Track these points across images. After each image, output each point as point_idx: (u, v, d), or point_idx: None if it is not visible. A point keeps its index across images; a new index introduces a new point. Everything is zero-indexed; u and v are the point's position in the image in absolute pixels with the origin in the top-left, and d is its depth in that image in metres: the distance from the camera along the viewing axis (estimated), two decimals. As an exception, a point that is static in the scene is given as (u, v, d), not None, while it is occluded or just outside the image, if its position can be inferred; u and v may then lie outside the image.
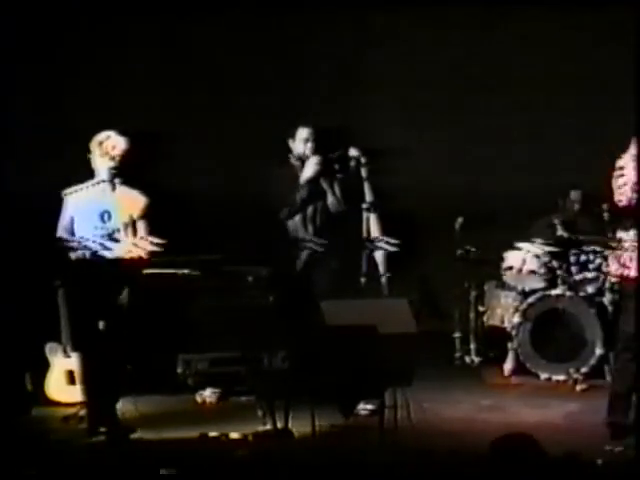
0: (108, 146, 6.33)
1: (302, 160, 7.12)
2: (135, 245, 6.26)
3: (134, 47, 8.08)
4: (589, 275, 7.47)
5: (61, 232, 6.32)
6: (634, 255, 5.88)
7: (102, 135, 6.36)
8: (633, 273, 5.88)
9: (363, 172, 6.90)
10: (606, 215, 7.39)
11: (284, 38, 8.09)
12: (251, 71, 8.11)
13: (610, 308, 7.39)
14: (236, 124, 7.97)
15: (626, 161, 5.94)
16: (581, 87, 8.27)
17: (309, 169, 7.04)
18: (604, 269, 7.43)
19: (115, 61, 8.06)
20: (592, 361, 7.31)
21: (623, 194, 5.90)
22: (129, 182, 6.43)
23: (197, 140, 7.96)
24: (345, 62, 8.20)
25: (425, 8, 8.08)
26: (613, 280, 6.33)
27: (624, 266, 5.93)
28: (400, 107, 8.12)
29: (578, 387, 7.20)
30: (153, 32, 8.07)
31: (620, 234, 6.02)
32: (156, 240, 6.25)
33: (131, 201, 6.34)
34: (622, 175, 5.94)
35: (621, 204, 5.92)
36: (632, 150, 5.94)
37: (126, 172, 6.40)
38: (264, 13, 8.08)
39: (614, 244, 6.17)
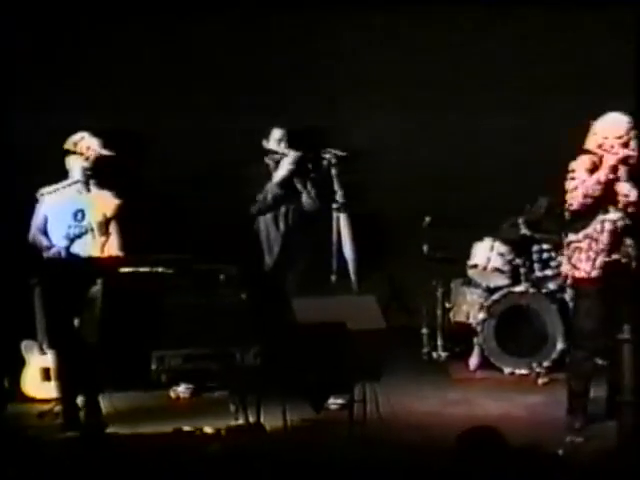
0: (83, 146, 6.35)
1: (276, 161, 7.15)
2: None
3: (106, 46, 7.95)
4: (551, 272, 7.50)
5: (34, 231, 6.34)
6: (584, 256, 5.96)
7: (77, 136, 6.41)
8: (582, 274, 5.96)
9: (334, 173, 6.94)
10: (567, 215, 7.50)
11: (260, 41, 8.02)
12: (225, 72, 8.02)
13: (571, 304, 7.35)
14: (209, 124, 7.90)
15: (577, 165, 6.01)
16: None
17: (283, 168, 7.12)
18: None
19: (86, 61, 7.93)
20: (554, 355, 7.35)
21: (574, 198, 5.97)
22: (103, 182, 6.41)
23: (170, 141, 7.87)
24: (319, 65, 8.08)
25: (402, 10, 8.00)
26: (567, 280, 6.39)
27: (574, 267, 6.01)
28: (372, 109, 8.05)
29: (540, 381, 7.26)
30: (126, 31, 7.96)
31: (570, 236, 6.08)
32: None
33: (105, 201, 6.39)
34: (573, 179, 6.01)
35: (572, 207, 6.00)
36: (584, 154, 5.99)
37: (100, 172, 6.40)
38: (243, 16, 8.02)
39: (565, 245, 6.22)
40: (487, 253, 7.68)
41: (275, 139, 7.17)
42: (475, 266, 7.72)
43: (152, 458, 5.42)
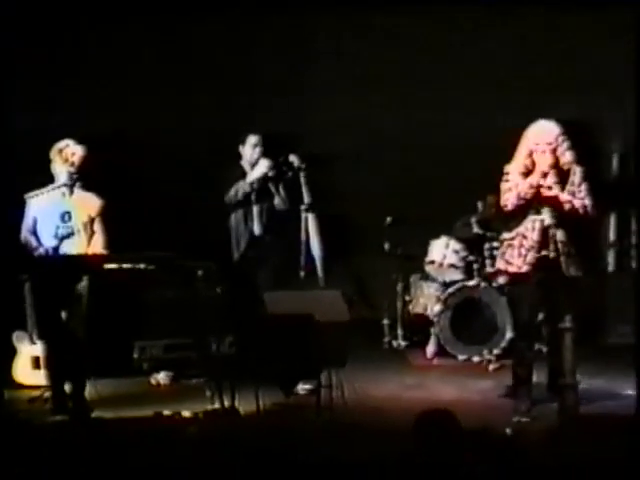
0: (68, 153, 6.44)
1: (251, 164, 7.17)
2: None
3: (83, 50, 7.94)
4: (499, 266, 7.15)
5: (25, 232, 6.42)
6: (516, 253, 5.99)
7: (62, 143, 6.47)
8: (515, 269, 6.01)
9: (302, 176, 6.98)
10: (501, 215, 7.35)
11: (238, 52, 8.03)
12: (205, 80, 8.05)
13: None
14: (189, 130, 7.92)
15: (512, 168, 6.05)
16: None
17: (257, 170, 7.15)
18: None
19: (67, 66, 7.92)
20: (503, 344, 7.44)
21: (508, 199, 6.01)
22: (87, 185, 6.47)
23: (152, 144, 7.87)
24: (291, 74, 8.10)
25: (370, 15, 7.99)
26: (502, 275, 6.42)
27: (508, 262, 6.06)
28: (338, 116, 8.04)
29: (491, 367, 7.38)
30: (106, 35, 7.93)
31: (504, 235, 6.14)
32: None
33: (89, 202, 6.46)
34: (507, 181, 6.05)
35: (506, 208, 6.03)
36: (518, 158, 6.00)
37: (84, 176, 6.46)
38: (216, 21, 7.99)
39: (499, 243, 6.28)
40: (443, 250, 7.78)
41: (251, 144, 7.18)
42: (432, 262, 7.84)
43: (134, 440, 5.46)
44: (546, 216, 6.03)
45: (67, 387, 6.31)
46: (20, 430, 5.73)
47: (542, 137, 6.02)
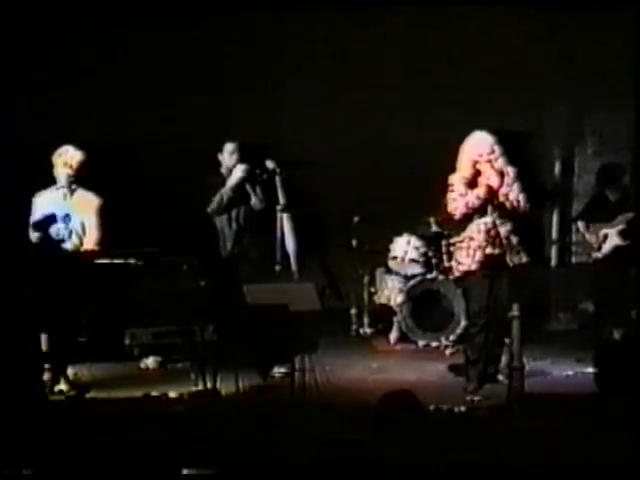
0: (67, 158, 6.43)
1: (230, 170, 7.11)
2: None
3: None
4: (451, 265, 7.39)
5: (31, 228, 6.36)
6: (464, 253, 6.07)
7: (62, 149, 6.47)
8: (465, 267, 6.10)
9: (277, 180, 6.93)
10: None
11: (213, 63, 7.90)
12: (188, 93, 7.95)
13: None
14: (176, 139, 7.84)
15: (456, 179, 6.08)
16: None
17: (234, 175, 7.08)
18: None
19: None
20: (458, 331, 7.42)
21: (457, 209, 6.06)
22: (85, 185, 6.45)
23: (142, 151, 7.80)
24: (267, 85, 8.03)
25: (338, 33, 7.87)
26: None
27: (458, 262, 6.15)
28: (311, 126, 8.02)
29: (447, 352, 7.37)
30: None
31: (454, 238, 6.23)
32: None
33: (87, 201, 6.46)
34: (452, 191, 6.10)
35: (455, 217, 6.10)
36: (462, 169, 6.03)
37: (82, 179, 6.45)
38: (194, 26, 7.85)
39: (449, 244, 6.39)
40: (405, 247, 7.77)
41: (228, 152, 7.12)
42: (395, 257, 7.81)
43: (125, 418, 5.44)
44: (489, 218, 6.06)
45: (68, 370, 6.26)
46: (20, 409, 5.53)
47: (482, 149, 6.04)
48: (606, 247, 7.24)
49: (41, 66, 7.76)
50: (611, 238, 7.21)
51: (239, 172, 7.05)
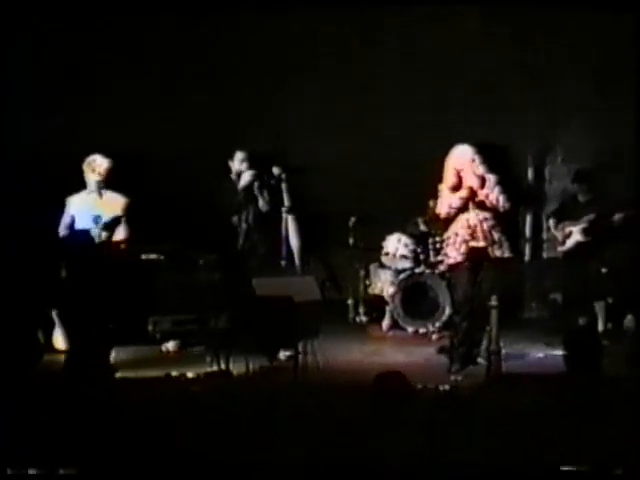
0: (95, 166, 6.48)
1: (239, 175, 7.10)
2: None
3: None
4: (441, 258, 7.16)
5: (62, 228, 6.44)
6: (451, 247, 6.10)
7: (90, 158, 6.53)
8: (452, 260, 6.15)
9: (283, 184, 6.97)
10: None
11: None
12: (202, 107, 7.92)
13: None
14: (193, 147, 7.79)
15: (443, 186, 6.16)
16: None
17: (243, 180, 7.06)
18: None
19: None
20: (443, 318, 7.48)
21: (442, 209, 6.13)
22: (112, 188, 6.49)
23: (166, 159, 7.76)
24: (273, 101, 8.02)
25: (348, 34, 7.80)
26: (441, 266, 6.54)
27: (446, 256, 6.18)
28: (313, 137, 7.95)
29: (434, 337, 7.43)
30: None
31: (442, 236, 6.27)
32: None
33: (115, 202, 6.50)
34: (440, 196, 6.18)
35: (441, 216, 6.15)
36: (447, 177, 6.09)
37: (109, 183, 6.49)
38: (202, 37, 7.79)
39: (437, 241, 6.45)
40: (396, 244, 7.79)
41: (238, 159, 7.12)
42: (387, 254, 7.83)
43: (148, 396, 5.47)
44: (472, 214, 6.12)
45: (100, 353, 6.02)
46: (57, 385, 5.65)
47: (463, 159, 6.15)
48: (569, 242, 7.33)
49: (75, 89, 7.74)
50: (574, 235, 7.31)
51: (248, 177, 7.05)
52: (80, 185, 6.57)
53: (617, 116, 7.53)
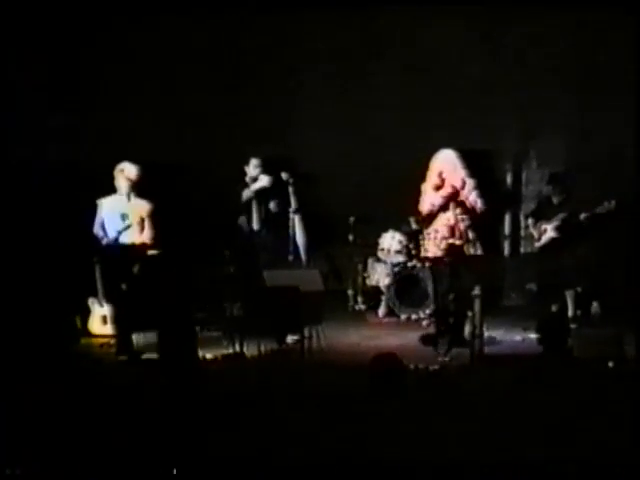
0: (125, 172, 6.55)
1: (253, 179, 7.16)
2: None
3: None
4: (430, 254, 7.41)
5: (96, 227, 6.54)
6: (432, 243, 6.27)
7: (121, 165, 6.57)
8: (431, 254, 6.38)
9: (290, 188, 7.06)
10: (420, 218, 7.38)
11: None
12: (219, 119, 7.74)
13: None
14: (213, 155, 7.64)
15: (427, 186, 6.30)
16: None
17: (258, 183, 7.13)
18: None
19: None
20: (432, 306, 7.19)
21: (424, 207, 6.25)
22: (140, 194, 6.54)
23: (189, 166, 7.57)
24: (283, 113, 7.80)
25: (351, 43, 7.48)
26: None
27: (427, 251, 6.35)
28: (317, 146, 7.75)
29: (424, 323, 7.36)
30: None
31: (424, 232, 6.38)
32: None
33: (141, 206, 6.56)
34: (424, 195, 6.28)
35: (423, 214, 6.30)
36: (431, 177, 6.22)
37: (138, 188, 6.53)
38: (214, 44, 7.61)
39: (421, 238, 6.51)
40: (390, 241, 7.69)
41: (254, 165, 7.17)
42: (383, 249, 7.73)
43: (172, 374, 5.46)
44: (452, 214, 6.14)
45: (128, 336, 6.32)
46: (93, 366, 5.91)
47: (446, 162, 6.22)
48: (544, 239, 7.38)
49: (107, 105, 7.71)
50: (548, 232, 7.36)
51: (264, 182, 7.10)
52: (110, 189, 6.60)
53: (591, 122, 7.42)
